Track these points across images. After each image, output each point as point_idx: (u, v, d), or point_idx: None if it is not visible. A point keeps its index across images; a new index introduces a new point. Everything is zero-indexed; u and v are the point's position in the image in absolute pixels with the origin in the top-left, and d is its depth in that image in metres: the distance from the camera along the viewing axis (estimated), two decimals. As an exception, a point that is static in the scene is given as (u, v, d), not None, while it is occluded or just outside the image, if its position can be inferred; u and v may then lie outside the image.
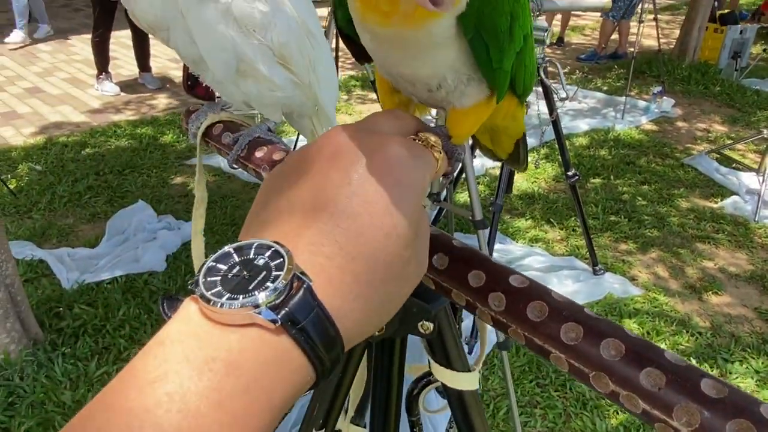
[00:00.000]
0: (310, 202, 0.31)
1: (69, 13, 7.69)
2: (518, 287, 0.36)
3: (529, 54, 0.43)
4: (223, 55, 0.60)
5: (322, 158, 0.33)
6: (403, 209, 0.32)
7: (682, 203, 3.68)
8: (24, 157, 3.89)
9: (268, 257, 0.29)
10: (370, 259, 0.31)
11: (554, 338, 0.33)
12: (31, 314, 2.28)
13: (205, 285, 0.28)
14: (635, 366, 0.30)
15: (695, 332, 2.60)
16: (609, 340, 0.31)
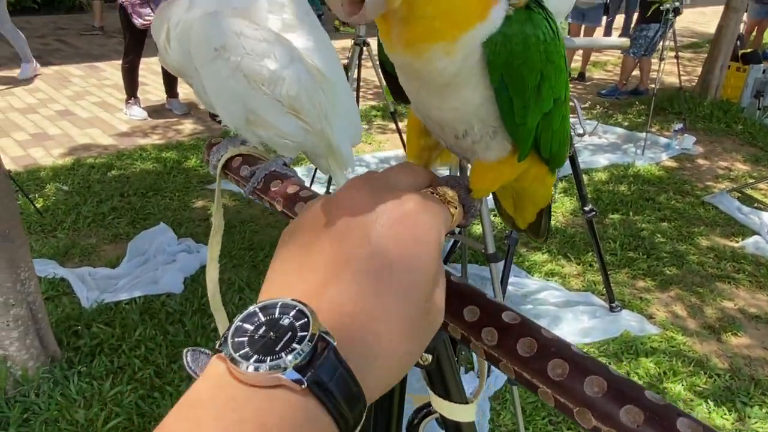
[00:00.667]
0: (332, 261, 0.32)
1: (101, 40, 7.96)
2: (510, 323, 0.37)
3: (560, 120, 0.42)
4: (233, 106, 0.63)
5: (342, 215, 0.34)
6: (421, 266, 0.33)
7: (702, 241, 3.64)
8: (52, 178, 4.00)
9: (293, 317, 0.29)
10: (391, 317, 0.31)
11: (542, 373, 0.34)
12: (50, 332, 2.33)
13: (233, 346, 0.29)
14: (616, 403, 0.32)
15: (713, 374, 2.55)
16: (592, 377, 0.33)
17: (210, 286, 0.67)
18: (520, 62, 0.36)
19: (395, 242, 0.33)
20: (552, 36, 0.38)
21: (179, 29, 0.63)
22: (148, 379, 2.32)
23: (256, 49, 0.62)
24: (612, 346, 2.68)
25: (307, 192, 0.57)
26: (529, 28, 0.36)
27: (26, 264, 2.14)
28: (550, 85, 0.38)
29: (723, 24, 6.24)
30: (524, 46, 0.36)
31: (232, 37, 0.62)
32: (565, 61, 0.40)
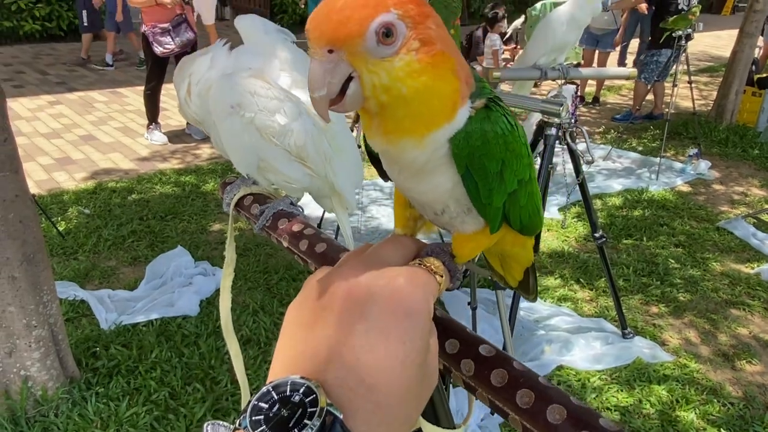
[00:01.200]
0: (334, 338, 0.36)
1: (125, 67, 8.19)
2: (485, 356, 0.41)
3: (526, 197, 0.47)
4: (246, 156, 0.70)
5: (340, 295, 0.38)
6: (413, 336, 0.37)
7: (716, 267, 3.62)
8: (74, 201, 4.11)
9: (303, 393, 0.33)
10: (389, 386, 0.35)
11: (511, 402, 0.38)
12: (69, 353, 2.39)
13: (252, 425, 0.33)
14: (574, 429, 0.35)
15: (727, 402, 2.53)
16: (554, 406, 0.37)
17: (223, 315, 0.72)
18: (481, 154, 0.41)
19: (389, 317, 0.37)
20: (510, 129, 0.43)
21: (200, 86, 0.70)
22: (163, 400, 2.37)
23: (268, 106, 0.69)
24: (624, 373, 2.67)
25: (311, 230, 0.61)
26: (488, 125, 0.41)
27: (48, 287, 2.22)
28: (511, 170, 0.44)
29: (737, 49, 6.25)
30: (484, 141, 0.41)
31: (247, 96, 0.69)
32: (526, 148, 0.45)
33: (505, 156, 0.42)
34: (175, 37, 4.86)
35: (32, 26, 8.94)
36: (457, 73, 0.40)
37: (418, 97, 0.38)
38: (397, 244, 0.46)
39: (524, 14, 7.51)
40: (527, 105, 2.10)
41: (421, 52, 0.37)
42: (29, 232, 2.09)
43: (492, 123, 0.41)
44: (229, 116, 0.70)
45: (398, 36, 0.36)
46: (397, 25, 0.36)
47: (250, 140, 0.70)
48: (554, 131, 2.30)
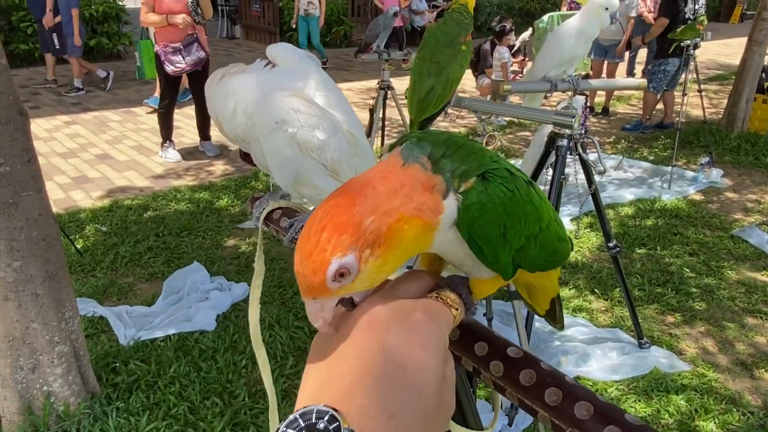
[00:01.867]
0: (355, 368, 0.39)
1: (138, 86, 8.32)
2: (513, 357, 0.44)
3: (537, 248, 0.49)
4: (286, 169, 0.74)
5: (362, 328, 0.42)
6: (430, 367, 0.40)
7: (731, 275, 3.61)
8: (91, 219, 4.18)
9: (327, 421, 0.36)
10: (408, 414, 0.38)
11: (540, 400, 0.41)
12: (90, 369, 2.43)
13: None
14: (601, 423, 0.38)
15: (746, 411, 2.51)
16: (582, 403, 0.39)
17: (252, 325, 0.75)
18: (481, 224, 0.44)
19: (406, 349, 0.40)
20: (509, 196, 0.46)
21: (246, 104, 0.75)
22: (182, 415, 2.39)
23: (309, 122, 0.75)
24: (642, 383, 2.66)
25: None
26: (484, 197, 0.44)
27: (70, 303, 2.26)
28: (515, 231, 0.47)
29: (747, 57, 6.25)
30: (481, 212, 0.44)
31: (290, 113, 0.75)
32: (532, 205, 0.48)
33: (507, 221, 0.45)
34: (186, 56, 4.94)
35: (48, 48, 9.10)
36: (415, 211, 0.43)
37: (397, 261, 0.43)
38: (414, 279, 0.49)
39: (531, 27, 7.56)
40: (539, 117, 2.12)
41: (375, 254, 0.41)
42: (52, 250, 2.14)
43: (488, 194, 0.44)
44: (273, 132, 0.75)
45: (352, 269, 0.41)
46: (348, 263, 0.40)
47: (291, 154, 0.75)
48: (566, 142, 2.32)
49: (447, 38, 1.66)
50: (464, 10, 1.68)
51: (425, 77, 1.66)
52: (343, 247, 0.40)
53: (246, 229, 4.10)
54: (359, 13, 13.29)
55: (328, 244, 0.39)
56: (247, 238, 3.98)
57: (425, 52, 1.70)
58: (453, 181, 0.44)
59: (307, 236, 0.41)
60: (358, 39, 11.79)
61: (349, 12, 12.89)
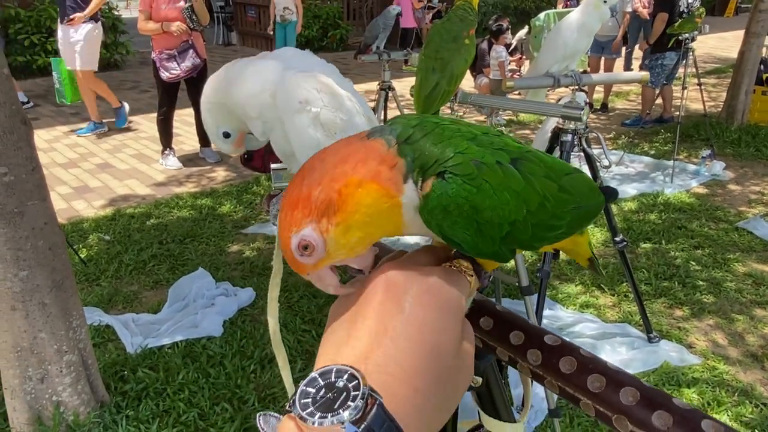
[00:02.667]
0: (374, 329, 0.40)
1: (136, 95, 8.32)
2: (552, 345, 0.43)
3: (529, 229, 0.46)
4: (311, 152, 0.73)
5: (379, 291, 0.42)
6: (446, 328, 0.40)
7: (738, 268, 3.59)
8: (94, 228, 4.17)
9: (346, 379, 0.36)
10: (425, 373, 0.38)
11: (582, 387, 0.40)
12: (99, 377, 2.41)
13: (301, 406, 0.35)
14: (648, 409, 0.37)
15: (759, 403, 2.50)
16: (627, 389, 0.38)
17: (271, 324, 0.74)
18: (449, 224, 0.43)
19: (423, 309, 0.40)
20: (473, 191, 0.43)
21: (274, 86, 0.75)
22: (192, 422, 2.38)
23: (332, 102, 0.74)
24: (653, 378, 2.65)
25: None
26: (445, 200, 0.42)
27: (77, 312, 2.25)
28: (491, 225, 0.44)
29: (744, 49, 6.26)
30: (444, 214, 0.43)
31: (313, 92, 0.75)
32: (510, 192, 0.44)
33: (477, 217, 0.43)
34: (181, 63, 4.95)
35: (45, 60, 9.11)
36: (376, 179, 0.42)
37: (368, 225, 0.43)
38: (429, 251, 0.50)
39: (528, 25, 7.57)
40: (547, 111, 2.12)
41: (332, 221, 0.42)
42: (58, 259, 2.13)
43: (449, 197, 0.42)
44: (297, 112, 0.75)
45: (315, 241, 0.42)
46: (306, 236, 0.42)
47: (315, 135, 0.75)
48: (570, 137, 2.32)
49: (450, 34, 1.65)
50: (468, 7, 1.68)
51: (430, 73, 1.66)
52: (296, 222, 0.41)
53: (249, 235, 4.09)
54: (355, 16, 13.31)
55: (284, 222, 0.41)
56: (250, 243, 3.97)
57: (430, 49, 1.69)
58: (413, 172, 0.43)
59: (278, 218, 0.42)
60: (354, 42, 11.80)
61: (344, 15, 12.90)
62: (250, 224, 4.23)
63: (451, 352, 0.40)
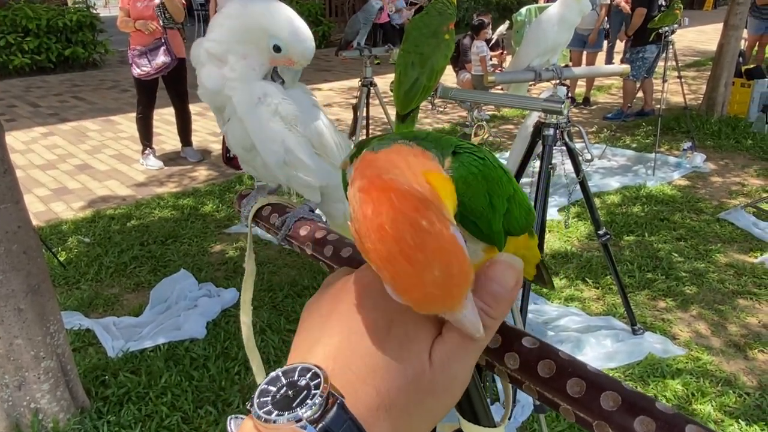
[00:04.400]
0: (345, 327, 0.38)
1: (116, 94, 8.21)
2: (530, 347, 0.41)
3: (516, 207, 0.48)
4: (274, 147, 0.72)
5: (353, 289, 0.40)
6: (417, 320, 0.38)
7: (720, 259, 3.63)
8: (73, 231, 4.10)
9: (309, 378, 0.34)
10: (390, 370, 0.36)
11: (562, 392, 0.38)
12: (79, 383, 2.37)
13: (258, 405, 0.34)
14: (630, 415, 0.35)
15: (742, 392, 2.52)
16: (608, 393, 0.36)
17: (244, 329, 0.72)
18: (470, 197, 0.42)
19: (397, 305, 0.37)
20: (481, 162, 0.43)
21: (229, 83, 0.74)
22: (175, 425, 2.34)
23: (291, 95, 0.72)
24: (637, 370, 2.66)
25: (334, 235, 0.61)
26: (463, 171, 0.42)
27: (55, 317, 2.20)
28: (498, 196, 0.44)
29: (723, 42, 6.31)
30: (465, 186, 0.41)
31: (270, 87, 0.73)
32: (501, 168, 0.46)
33: (489, 188, 0.43)
34: (152, 60, 4.90)
35: (22, 60, 8.96)
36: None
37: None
38: None
39: (509, 20, 7.57)
40: (528, 105, 2.11)
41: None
42: (33, 263, 2.08)
43: (467, 167, 0.42)
44: (256, 107, 0.74)
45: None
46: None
47: (277, 128, 0.74)
48: (552, 131, 2.31)
49: (429, 29, 1.63)
50: (447, 0, 1.66)
51: (409, 69, 1.63)
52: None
53: (233, 234, 4.05)
54: (337, 12, 13.25)
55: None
56: (234, 243, 3.93)
57: (409, 44, 1.67)
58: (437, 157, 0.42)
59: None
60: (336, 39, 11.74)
61: (326, 12, 12.83)
62: (233, 224, 4.19)
63: (420, 345, 0.37)
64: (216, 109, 0.83)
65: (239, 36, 0.76)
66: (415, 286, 0.33)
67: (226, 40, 0.76)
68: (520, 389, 0.41)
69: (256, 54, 0.77)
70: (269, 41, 0.76)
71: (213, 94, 0.77)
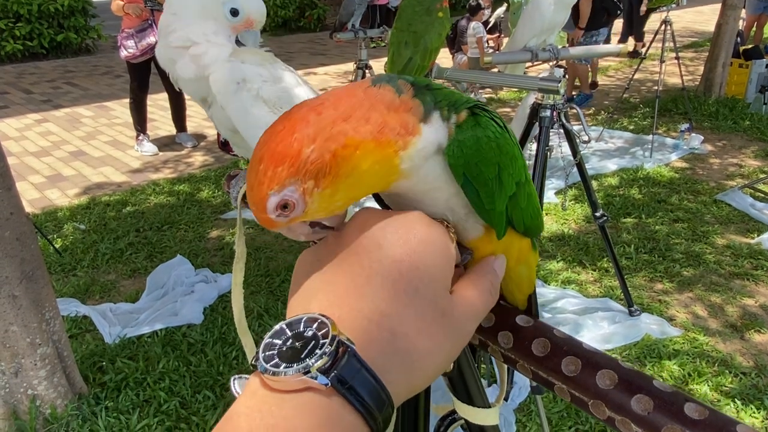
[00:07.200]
0: (348, 271, 0.36)
1: (110, 80, 8.14)
2: (523, 326, 0.40)
3: (525, 198, 0.46)
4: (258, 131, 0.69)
5: (355, 231, 0.38)
6: (427, 264, 0.36)
7: (717, 240, 3.62)
8: (69, 217, 4.08)
9: (316, 328, 0.33)
10: (403, 313, 0.34)
11: (557, 371, 0.37)
12: (76, 369, 2.36)
13: (265, 359, 0.32)
14: (627, 393, 0.34)
15: (739, 372, 2.53)
16: (604, 371, 0.35)
17: (236, 312, 0.70)
18: (477, 161, 0.40)
19: (403, 243, 0.36)
20: (501, 132, 0.42)
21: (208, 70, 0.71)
22: (173, 410, 2.35)
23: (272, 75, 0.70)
24: (634, 351, 2.66)
25: (323, 215, 0.59)
26: (479, 131, 0.40)
27: (50, 303, 2.19)
28: (508, 173, 0.43)
29: (721, 22, 6.26)
30: (477, 147, 0.40)
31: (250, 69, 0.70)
32: (519, 149, 0.44)
33: (501, 160, 0.42)
34: (138, 42, 4.84)
35: (14, 46, 8.86)
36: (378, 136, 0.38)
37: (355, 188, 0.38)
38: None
39: (506, 2, 7.49)
40: (524, 84, 2.08)
41: (320, 185, 0.37)
42: (27, 250, 2.06)
43: (483, 128, 0.40)
44: (236, 93, 0.71)
45: (296, 202, 0.37)
46: (288, 196, 0.36)
47: (259, 113, 0.71)
48: (549, 113, 2.29)
49: (423, 6, 1.60)
50: (441, -22, 1.63)
51: (403, 48, 1.61)
52: (279, 180, 0.36)
53: (229, 220, 4.03)
54: (332, -4, 13.09)
55: (264, 177, 0.36)
56: (230, 228, 3.91)
57: (402, 22, 1.64)
58: (441, 108, 0.40)
59: (250, 167, 0.37)
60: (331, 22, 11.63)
61: (321, -5, 12.68)
62: (230, 209, 4.17)
63: (432, 289, 0.36)
64: (201, 100, 0.82)
65: (197, 15, 0.75)
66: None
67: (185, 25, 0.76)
68: (514, 369, 0.40)
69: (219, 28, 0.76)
70: (225, 7, 0.77)
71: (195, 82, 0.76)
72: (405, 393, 0.34)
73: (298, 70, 7.09)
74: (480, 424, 0.51)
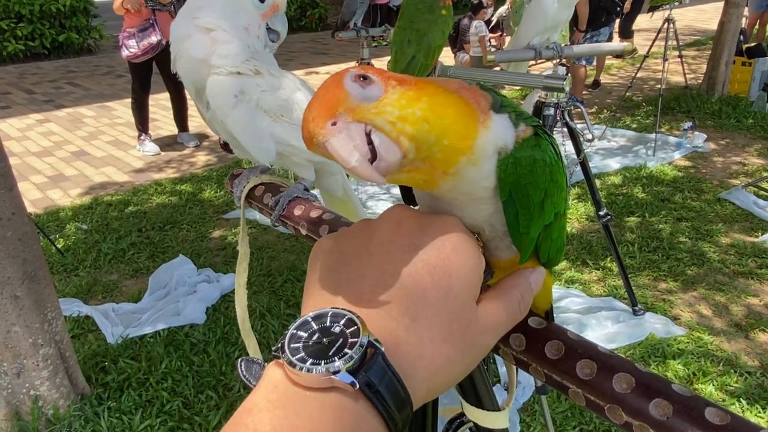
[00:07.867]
0: (379, 268, 0.35)
1: (111, 80, 8.13)
2: (536, 328, 0.39)
3: (558, 230, 0.46)
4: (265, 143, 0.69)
5: (387, 228, 0.37)
6: (461, 271, 0.35)
7: (721, 239, 3.61)
8: (71, 218, 4.07)
9: (343, 325, 0.32)
10: (432, 318, 0.34)
11: (571, 374, 0.36)
12: (78, 369, 2.36)
13: (291, 351, 0.31)
14: (645, 397, 0.33)
15: (744, 372, 2.51)
16: (620, 375, 0.34)
17: (239, 312, 0.69)
18: (527, 182, 0.39)
19: (437, 250, 0.35)
20: (556, 159, 0.41)
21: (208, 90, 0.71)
22: (176, 411, 2.34)
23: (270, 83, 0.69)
24: (638, 350, 2.65)
25: (329, 215, 0.58)
26: (538, 153, 0.40)
27: (52, 304, 2.18)
28: (551, 202, 0.42)
29: (724, 20, 6.24)
30: (531, 169, 0.39)
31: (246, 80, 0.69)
32: (566, 179, 0.43)
33: (549, 187, 0.41)
34: (139, 41, 4.83)
35: (15, 46, 8.86)
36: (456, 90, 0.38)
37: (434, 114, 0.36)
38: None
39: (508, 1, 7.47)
40: (529, 82, 2.07)
41: (404, 85, 0.36)
42: (29, 250, 2.05)
43: (542, 151, 0.40)
44: (235, 107, 0.70)
45: (374, 79, 0.35)
46: (370, 76, 0.35)
47: (262, 124, 0.70)
48: (552, 111, 2.28)
49: (425, 4, 1.59)
50: (444, -25, 1.62)
51: (406, 46, 1.59)
52: (364, 69, 0.35)
53: (231, 220, 4.02)
54: (333, -5, 13.07)
55: (347, 70, 0.35)
56: (232, 228, 3.90)
57: (404, 20, 1.63)
58: (508, 112, 0.39)
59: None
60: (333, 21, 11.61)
61: (323, -6, 12.67)
62: (232, 209, 4.16)
63: (460, 298, 0.35)
64: (196, 94, 0.81)
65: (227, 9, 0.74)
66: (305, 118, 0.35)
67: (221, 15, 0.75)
68: (526, 372, 0.39)
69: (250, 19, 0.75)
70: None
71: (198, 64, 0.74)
72: (422, 399, 0.34)
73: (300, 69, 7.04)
74: (489, 428, 0.50)
